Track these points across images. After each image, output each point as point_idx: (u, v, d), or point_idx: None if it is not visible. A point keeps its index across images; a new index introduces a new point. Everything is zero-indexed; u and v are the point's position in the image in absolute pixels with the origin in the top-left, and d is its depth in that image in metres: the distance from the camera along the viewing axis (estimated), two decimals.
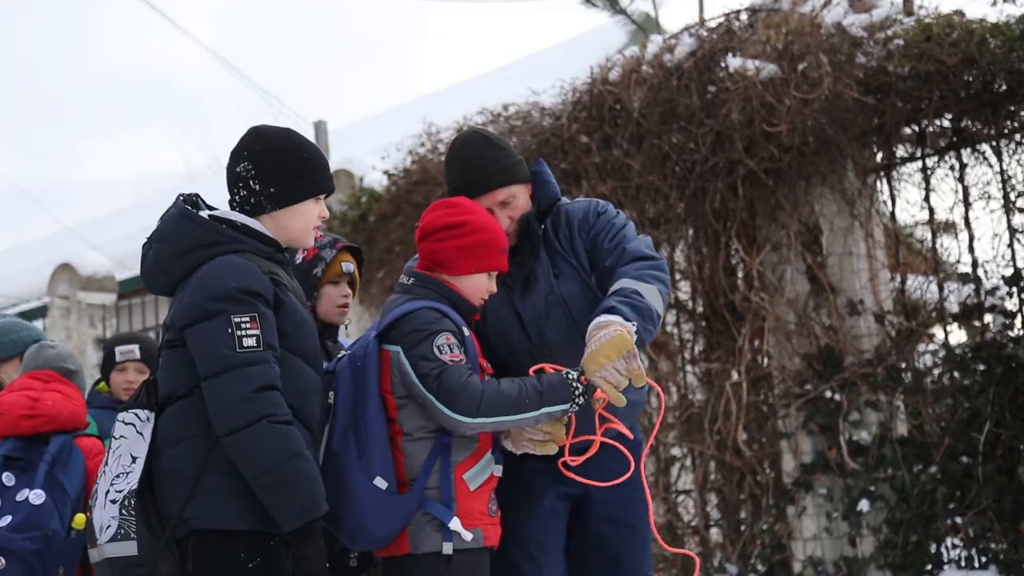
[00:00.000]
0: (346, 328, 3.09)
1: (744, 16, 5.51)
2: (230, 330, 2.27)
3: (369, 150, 7.31)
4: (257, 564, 2.29)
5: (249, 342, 2.28)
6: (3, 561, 2.97)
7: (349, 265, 3.00)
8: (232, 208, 2.50)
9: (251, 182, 2.47)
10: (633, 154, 5.50)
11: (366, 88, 41.16)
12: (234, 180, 2.50)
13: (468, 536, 2.46)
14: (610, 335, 2.44)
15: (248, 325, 2.29)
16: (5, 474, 3.09)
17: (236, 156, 2.52)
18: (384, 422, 2.52)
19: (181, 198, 2.50)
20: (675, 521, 5.53)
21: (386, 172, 6.78)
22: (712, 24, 5.61)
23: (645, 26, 9.14)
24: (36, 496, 3.04)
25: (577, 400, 2.44)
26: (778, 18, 5.30)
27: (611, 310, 2.53)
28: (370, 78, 43.03)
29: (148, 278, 2.51)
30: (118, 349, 3.76)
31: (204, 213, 2.45)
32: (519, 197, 2.81)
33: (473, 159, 2.81)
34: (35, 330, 3.76)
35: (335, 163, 7.47)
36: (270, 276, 2.39)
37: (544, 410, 2.42)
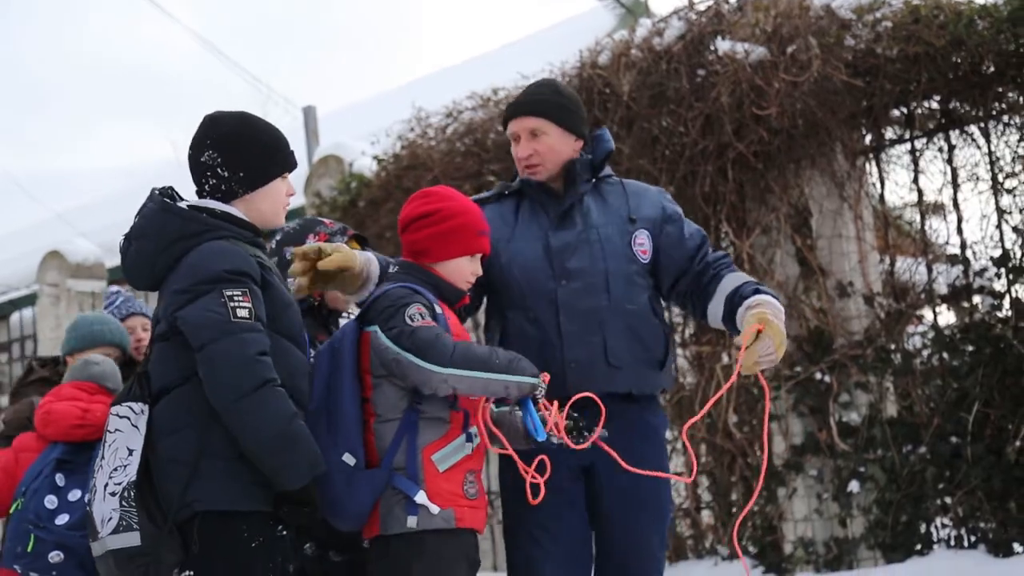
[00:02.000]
0: (349, 315, 3.09)
1: (735, 0, 5.49)
2: (223, 300, 2.31)
3: (358, 135, 7.27)
4: (260, 543, 2.35)
5: (243, 313, 2.31)
6: (61, 555, 3.11)
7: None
8: (202, 198, 2.53)
9: (219, 169, 2.50)
10: (623, 137, 5.47)
11: (355, 74, 41.07)
12: (200, 170, 2.53)
13: (435, 510, 2.46)
14: (781, 322, 2.64)
15: (241, 298, 2.33)
16: (57, 475, 3.22)
17: (198, 146, 2.54)
18: (358, 401, 2.55)
19: (157, 191, 2.51)
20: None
21: (376, 157, 6.75)
22: (701, 7, 5.57)
23: (634, 9, 9.13)
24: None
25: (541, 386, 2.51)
26: (767, 1, 5.28)
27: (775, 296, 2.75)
28: (359, 63, 42.91)
29: (132, 274, 2.52)
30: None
31: (182, 204, 2.48)
32: (551, 135, 2.92)
33: (527, 90, 3.07)
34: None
35: (324, 148, 7.45)
36: (255, 259, 2.43)
37: (514, 378, 2.46)
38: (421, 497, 2.46)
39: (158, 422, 2.37)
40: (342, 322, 3.06)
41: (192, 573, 2.35)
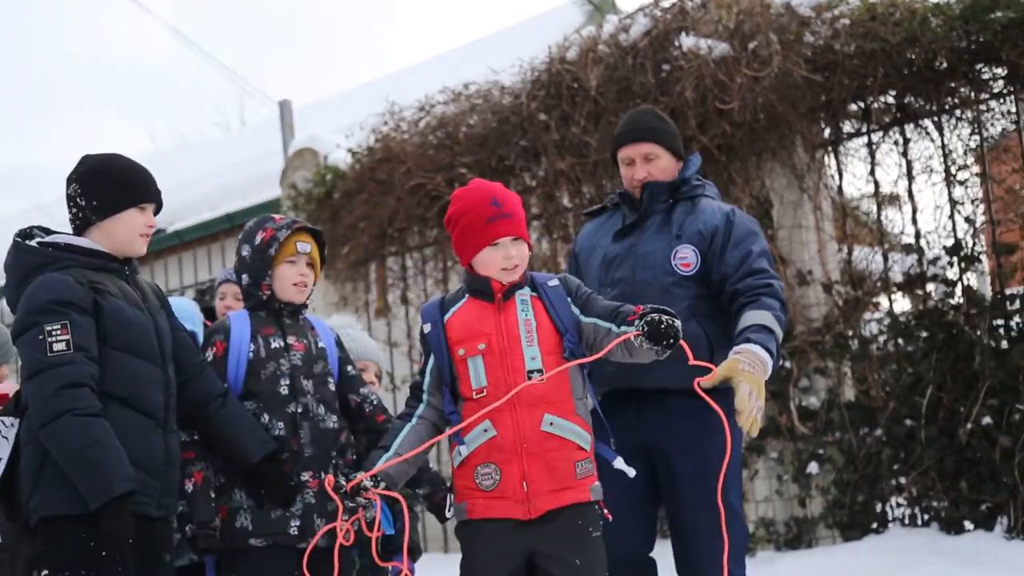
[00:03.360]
0: (308, 305, 3.08)
1: None
2: (41, 337, 2.51)
3: (333, 129, 7.27)
4: (98, 543, 2.51)
5: (59, 347, 2.50)
6: None
7: (305, 245, 2.99)
8: (71, 226, 2.74)
9: (78, 199, 2.70)
10: (590, 131, 5.52)
11: (330, 68, 40.74)
12: (67, 202, 2.73)
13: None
14: (760, 376, 2.71)
15: (59, 332, 2.51)
16: None
17: (67, 181, 2.74)
18: None
19: (15, 233, 2.72)
20: None
21: (350, 150, 6.75)
22: (666, 4, 5.60)
23: (601, 6, 9.17)
24: None
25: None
26: None
27: (767, 351, 2.81)
28: (334, 58, 42.57)
29: (9, 304, 2.73)
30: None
31: (34, 241, 2.68)
32: (662, 159, 3.18)
33: (634, 118, 3.28)
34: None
35: (300, 142, 7.43)
36: (91, 285, 2.60)
37: None
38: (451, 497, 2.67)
39: (23, 435, 2.60)
40: (305, 316, 3.05)
41: (47, 572, 2.54)
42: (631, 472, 2.57)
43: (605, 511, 2.59)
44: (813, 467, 5.00)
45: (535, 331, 2.56)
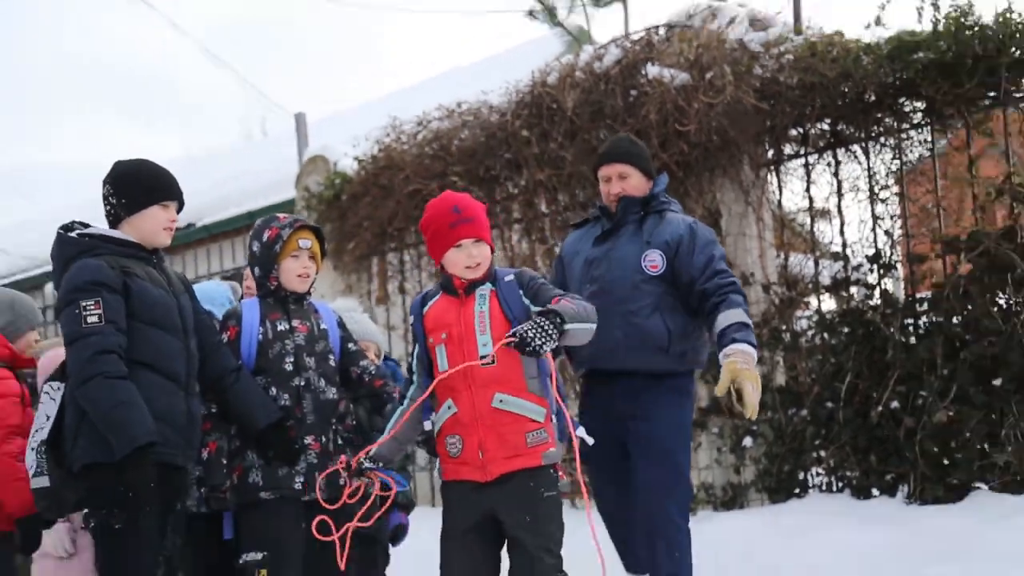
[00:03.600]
0: (311, 293, 3.08)
1: (662, 31, 5.52)
2: (77, 311, 2.58)
3: (343, 139, 7.19)
4: (126, 487, 2.57)
5: (92, 320, 2.57)
6: None
7: (306, 241, 3.01)
8: (106, 220, 2.81)
9: (111, 198, 2.77)
10: (567, 147, 5.50)
11: (341, 86, 40.64)
12: (102, 199, 2.80)
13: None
14: (753, 370, 2.91)
15: (92, 307, 2.57)
16: None
17: (103, 183, 2.81)
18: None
19: (59, 227, 2.78)
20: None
21: (356, 158, 6.72)
22: (635, 37, 5.61)
23: (579, 37, 9.12)
24: None
25: None
26: (690, 33, 5.33)
27: (751, 344, 2.99)
28: (344, 77, 42.47)
29: (54, 286, 2.81)
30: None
31: (74, 233, 2.75)
32: (634, 178, 3.26)
33: (612, 142, 3.41)
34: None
35: (313, 150, 7.36)
36: (122, 269, 2.66)
37: None
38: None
39: (67, 397, 2.67)
40: (309, 301, 3.06)
41: (89, 510, 2.63)
42: (589, 440, 2.62)
43: (560, 473, 2.64)
44: (748, 441, 5.02)
45: (488, 321, 2.59)
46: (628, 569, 3.32)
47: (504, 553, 2.64)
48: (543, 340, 2.42)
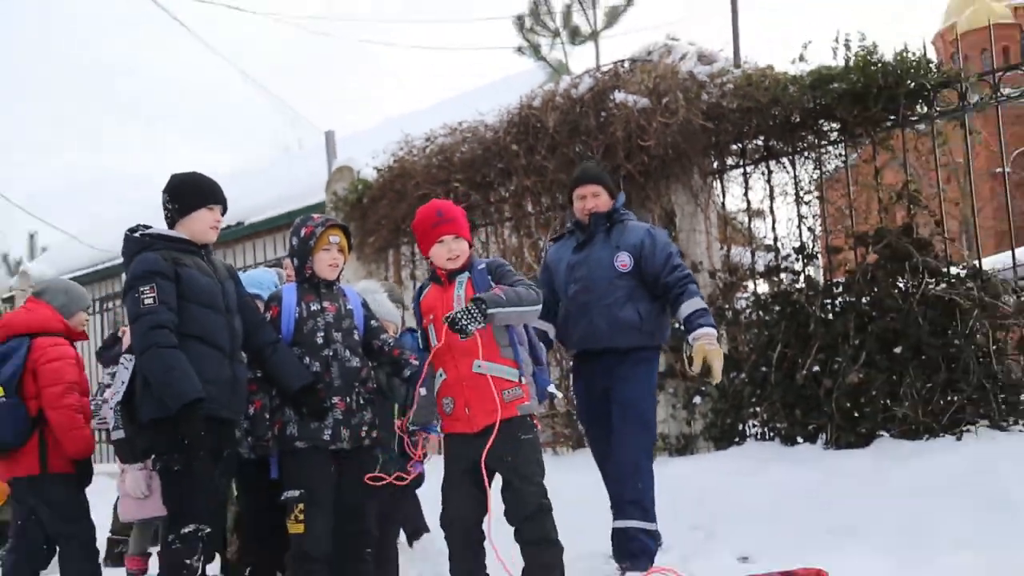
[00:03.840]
0: (339, 279, 3.14)
1: (627, 64, 5.55)
2: (137, 295, 2.65)
3: (365, 152, 7.25)
4: (182, 436, 2.62)
5: (148, 301, 2.62)
6: None
7: (335, 237, 3.05)
8: (165, 221, 2.87)
9: (167, 204, 2.83)
10: (549, 158, 5.54)
11: (364, 108, 40.40)
12: (162, 205, 2.86)
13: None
14: (717, 347, 3.11)
15: (148, 291, 2.63)
16: None
17: (162, 192, 2.87)
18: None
19: (127, 229, 2.84)
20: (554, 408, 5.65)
21: (375, 168, 6.75)
22: (605, 69, 5.62)
23: (558, 69, 9.16)
24: None
25: None
26: (650, 66, 5.36)
27: (713, 327, 3.21)
28: (366, 101, 42.19)
29: (125, 276, 2.84)
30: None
31: (137, 233, 2.80)
32: (602, 196, 3.44)
33: (584, 168, 3.58)
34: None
35: (340, 161, 7.40)
36: (174, 261, 2.71)
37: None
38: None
39: (136, 366, 2.74)
40: (339, 286, 3.11)
41: (155, 455, 2.72)
42: (559, 394, 2.79)
43: (536, 423, 2.73)
44: (697, 399, 5.07)
45: (463, 304, 2.67)
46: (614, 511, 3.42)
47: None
48: (468, 321, 2.49)
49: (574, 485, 3.49)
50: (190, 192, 2.82)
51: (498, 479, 2.69)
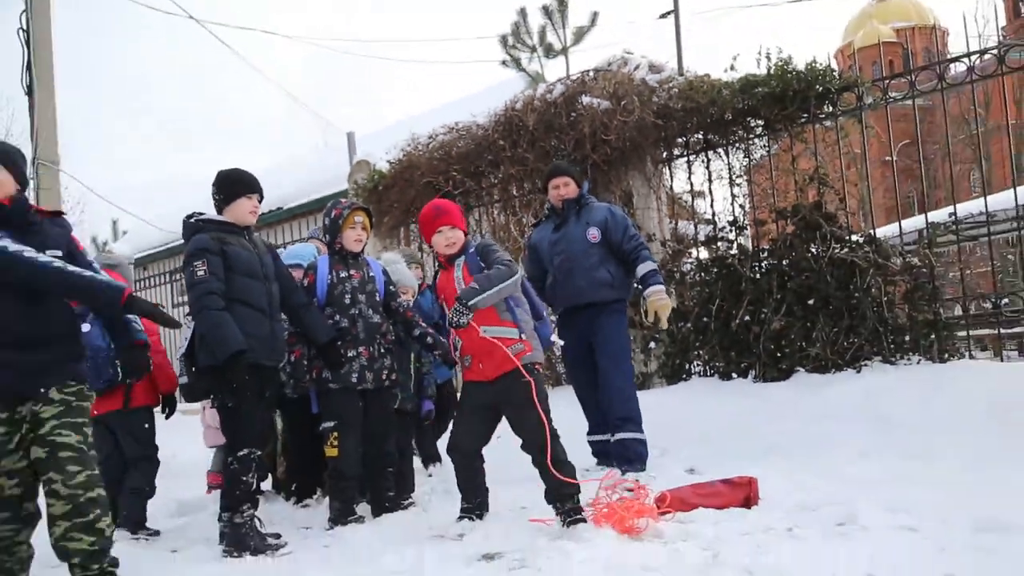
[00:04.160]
0: (363, 252, 3.10)
1: (592, 73, 5.46)
2: (191, 268, 2.63)
3: (380, 148, 7.10)
4: (230, 381, 2.59)
5: (200, 273, 2.61)
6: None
7: (360, 218, 3.04)
8: (214, 208, 2.81)
9: (215, 194, 2.79)
10: (529, 151, 5.47)
11: (379, 111, 39.72)
12: (211, 195, 2.80)
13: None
14: (667, 300, 3.25)
15: (200, 265, 2.61)
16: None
17: (212, 184, 2.79)
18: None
19: (185, 216, 2.78)
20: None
21: (388, 161, 6.62)
22: (574, 77, 5.54)
23: (536, 78, 8.97)
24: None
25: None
26: (610, 75, 5.27)
27: (662, 284, 3.33)
28: (381, 104, 41.45)
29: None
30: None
31: (192, 219, 2.77)
32: (572, 186, 3.53)
33: (556, 164, 3.68)
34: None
35: (359, 156, 7.25)
36: (221, 240, 2.67)
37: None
38: None
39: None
40: (363, 257, 3.07)
41: (211, 396, 2.73)
42: (560, 342, 2.84)
43: (537, 366, 2.67)
44: (652, 344, 5.09)
45: (462, 284, 2.62)
46: (591, 432, 3.52)
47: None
48: (457, 317, 2.48)
49: (556, 415, 3.48)
50: (232, 184, 2.78)
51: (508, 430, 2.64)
